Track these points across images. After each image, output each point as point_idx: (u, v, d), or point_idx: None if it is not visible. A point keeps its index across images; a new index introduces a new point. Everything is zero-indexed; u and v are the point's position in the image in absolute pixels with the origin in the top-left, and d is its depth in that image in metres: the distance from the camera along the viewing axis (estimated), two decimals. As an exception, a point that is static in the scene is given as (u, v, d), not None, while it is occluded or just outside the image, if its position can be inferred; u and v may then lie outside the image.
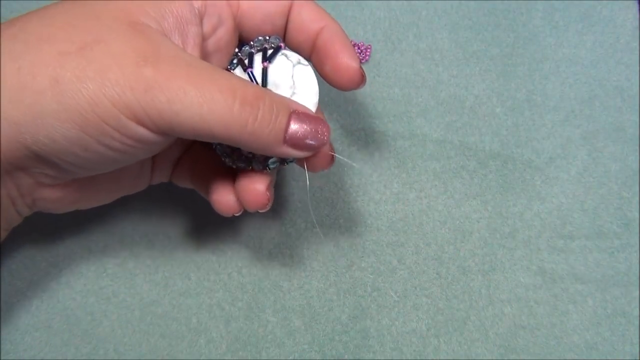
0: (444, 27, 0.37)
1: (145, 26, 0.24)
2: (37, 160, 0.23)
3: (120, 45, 0.23)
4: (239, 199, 0.27)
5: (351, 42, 0.36)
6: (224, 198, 0.27)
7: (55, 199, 0.26)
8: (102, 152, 0.23)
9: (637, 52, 0.37)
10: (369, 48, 0.36)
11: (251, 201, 0.26)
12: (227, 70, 0.28)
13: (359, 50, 0.36)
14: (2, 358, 0.31)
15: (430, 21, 0.37)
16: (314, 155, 0.26)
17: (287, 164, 0.27)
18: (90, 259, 0.32)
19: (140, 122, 0.22)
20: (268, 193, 0.26)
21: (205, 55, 0.27)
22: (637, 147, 0.35)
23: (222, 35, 0.27)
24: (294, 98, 0.27)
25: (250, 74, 0.28)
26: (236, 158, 0.27)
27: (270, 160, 0.27)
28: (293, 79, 0.27)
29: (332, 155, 0.27)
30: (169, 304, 0.32)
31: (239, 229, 0.33)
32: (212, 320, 0.32)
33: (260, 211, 0.27)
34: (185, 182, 0.31)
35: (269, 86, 0.28)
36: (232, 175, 0.28)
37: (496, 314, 0.32)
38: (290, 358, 0.31)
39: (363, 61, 0.36)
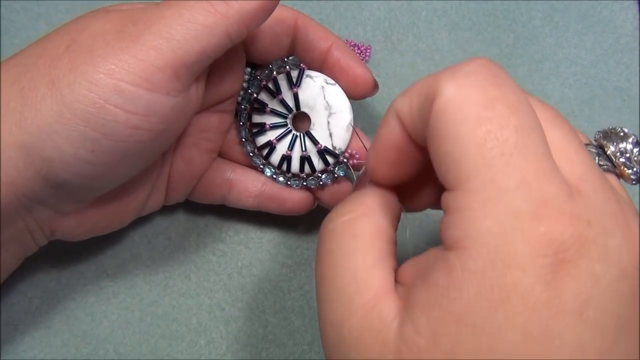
0: (444, 27, 0.37)
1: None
2: (52, 188, 0.23)
3: (99, 24, 0.23)
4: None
5: (351, 42, 0.36)
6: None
7: (72, 227, 0.26)
8: (108, 147, 0.23)
9: (637, 52, 0.37)
10: (368, 48, 0.36)
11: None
12: (246, 90, 0.30)
13: (359, 51, 0.36)
14: (2, 358, 0.31)
15: (430, 21, 0.37)
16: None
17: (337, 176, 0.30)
18: (90, 259, 0.32)
19: (143, 77, 0.22)
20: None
21: (213, 74, 0.27)
22: (637, 148, 0.35)
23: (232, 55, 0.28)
24: (332, 119, 0.29)
25: (284, 102, 0.29)
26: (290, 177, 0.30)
27: (325, 176, 0.30)
28: (326, 100, 0.29)
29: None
30: (169, 305, 0.32)
31: (239, 229, 0.33)
32: (212, 320, 0.32)
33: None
34: (212, 198, 0.31)
35: (303, 108, 0.29)
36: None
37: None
38: (290, 358, 0.31)
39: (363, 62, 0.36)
